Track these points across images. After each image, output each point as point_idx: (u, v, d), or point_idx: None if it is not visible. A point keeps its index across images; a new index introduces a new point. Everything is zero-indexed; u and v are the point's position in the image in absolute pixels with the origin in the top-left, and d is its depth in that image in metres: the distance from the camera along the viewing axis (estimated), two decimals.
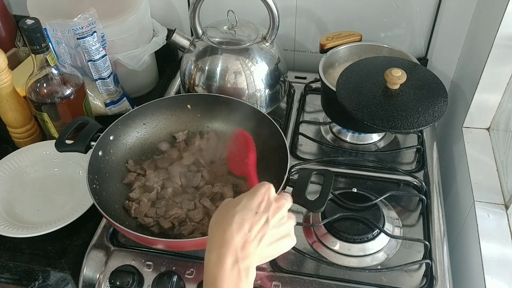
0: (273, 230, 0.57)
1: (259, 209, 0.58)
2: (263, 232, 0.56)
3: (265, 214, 0.57)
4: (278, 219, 0.58)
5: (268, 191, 0.60)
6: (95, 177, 0.79)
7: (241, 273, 0.53)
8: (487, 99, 0.97)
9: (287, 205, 0.61)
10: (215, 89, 0.99)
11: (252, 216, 0.57)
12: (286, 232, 0.60)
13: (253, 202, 0.58)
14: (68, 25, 0.93)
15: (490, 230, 0.82)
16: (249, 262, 0.54)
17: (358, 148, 1.00)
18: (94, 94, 1.04)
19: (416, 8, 1.09)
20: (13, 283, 0.86)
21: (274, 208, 0.58)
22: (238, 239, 0.55)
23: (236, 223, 0.56)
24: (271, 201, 0.59)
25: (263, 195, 0.59)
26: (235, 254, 0.54)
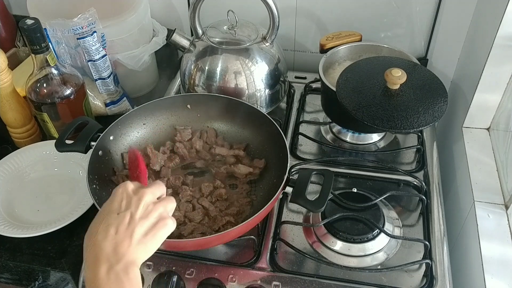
0: (142, 222, 0.56)
1: (120, 208, 0.57)
2: (131, 228, 0.55)
3: (127, 210, 0.57)
4: (143, 210, 0.57)
5: (124, 188, 0.59)
6: (95, 177, 0.79)
7: (120, 275, 0.52)
8: (487, 99, 0.97)
9: (148, 192, 0.59)
10: (215, 89, 0.99)
11: (115, 218, 0.56)
12: (158, 218, 0.58)
13: (113, 205, 0.58)
14: (68, 25, 0.93)
15: (490, 230, 0.82)
16: (125, 262, 0.53)
17: (358, 148, 1.00)
18: (94, 94, 1.04)
19: (416, 8, 1.09)
20: (13, 283, 0.86)
21: (135, 201, 0.58)
22: (107, 245, 0.54)
23: (101, 231, 0.55)
24: (131, 195, 0.59)
25: (121, 194, 0.59)
26: (107, 260, 0.53)
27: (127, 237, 0.55)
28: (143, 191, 0.59)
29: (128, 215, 0.56)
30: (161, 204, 0.60)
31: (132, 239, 0.55)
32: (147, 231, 0.57)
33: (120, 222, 0.56)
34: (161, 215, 0.59)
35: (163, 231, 0.58)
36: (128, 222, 0.56)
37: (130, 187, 0.60)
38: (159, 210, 0.59)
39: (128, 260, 0.54)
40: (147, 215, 0.57)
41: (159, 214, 0.59)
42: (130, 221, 0.56)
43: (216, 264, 0.78)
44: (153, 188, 0.61)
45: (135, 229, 0.56)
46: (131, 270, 0.53)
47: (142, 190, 0.59)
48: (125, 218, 0.56)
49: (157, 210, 0.59)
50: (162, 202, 0.60)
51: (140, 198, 0.58)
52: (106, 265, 0.53)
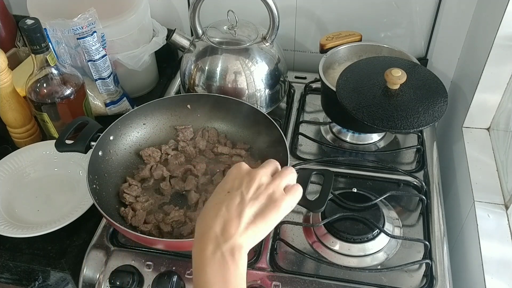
0: (252, 203, 0.54)
1: (232, 187, 0.56)
2: (240, 208, 0.54)
3: (239, 190, 0.55)
4: (254, 190, 0.55)
5: (239, 168, 0.58)
6: (95, 177, 0.79)
7: (226, 256, 0.51)
8: (487, 99, 0.97)
9: (260, 173, 0.57)
10: (215, 89, 0.99)
11: (225, 197, 0.55)
12: (268, 200, 0.55)
13: (225, 184, 0.57)
14: (68, 25, 0.93)
15: (490, 230, 0.82)
16: (232, 243, 0.52)
17: (358, 148, 1.00)
18: (94, 94, 1.04)
19: (416, 8, 1.09)
20: (13, 283, 0.86)
21: (247, 181, 0.56)
22: (216, 224, 0.53)
23: (211, 210, 0.54)
24: (243, 175, 0.57)
25: (234, 174, 0.58)
26: (215, 240, 0.52)
27: (236, 217, 0.53)
28: (256, 171, 0.57)
29: (238, 195, 0.55)
30: (274, 184, 0.56)
31: (241, 220, 0.53)
32: (257, 213, 0.54)
33: (230, 201, 0.54)
34: (273, 196, 0.55)
35: (274, 213, 0.55)
36: (238, 202, 0.54)
37: (244, 167, 0.58)
38: (269, 191, 0.56)
39: (236, 243, 0.52)
40: (257, 196, 0.55)
41: (270, 195, 0.55)
42: (241, 201, 0.54)
43: None
44: (266, 168, 0.58)
45: (244, 209, 0.54)
46: (237, 252, 0.52)
47: (255, 171, 0.57)
48: (235, 197, 0.55)
49: (268, 191, 0.56)
50: (275, 181, 0.57)
51: (252, 178, 0.56)
52: (213, 244, 0.52)
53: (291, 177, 0.59)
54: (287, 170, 0.59)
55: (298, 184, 0.59)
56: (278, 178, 0.57)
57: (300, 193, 0.58)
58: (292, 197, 0.57)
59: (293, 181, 0.59)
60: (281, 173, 0.58)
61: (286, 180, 0.58)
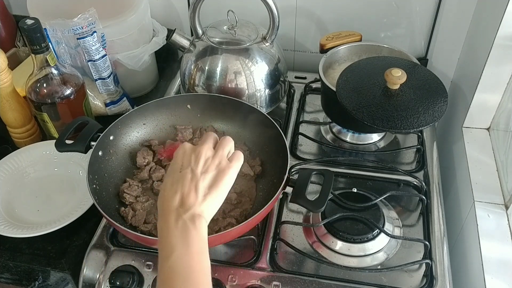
0: (204, 176, 0.59)
1: (182, 166, 0.61)
2: (194, 182, 0.58)
3: (188, 167, 0.60)
4: (203, 165, 0.60)
5: (183, 149, 0.63)
6: (95, 177, 0.79)
7: (187, 224, 0.55)
8: (487, 99, 0.97)
9: (204, 148, 0.62)
10: (215, 89, 0.99)
11: (179, 175, 0.60)
12: (217, 170, 0.60)
13: (175, 165, 0.62)
14: (68, 25, 0.93)
15: (490, 230, 0.82)
16: (192, 212, 0.56)
17: (358, 148, 1.00)
18: (94, 94, 1.04)
19: (416, 8, 1.09)
20: (13, 283, 0.86)
21: (194, 158, 0.61)
22: (175, 199, 0.57)
23: (169, 190, 0.59)
24: (189, 154, 0.62)
25: (181, 154, 0.62)
26: (176, 211, 0.56)
27: (192, 190, 0.58)
28: (201, 148, 0.62)
29: (189, 171, 0.60)
30: (218, 155, 0.62)
31: (197, 193, 0.58)
32: (210, 184, 0.59)
33: (183, 178, 0.59)
34: (220, 166, 0.61)
35: (225, 181, 0.60)
36: (191, 177, 0.59)
37: (188, 146, 0.63)
38: (216, 162, 0.61)
39: (196, 211, 0.57)
40: (206, 169, 0.60)
41: (217, 166, 0.61)
42: (193, 176, 0.59)
43: (216, 264, 0.78)
44: (208, 143, 0.63)
45: (198, 183, 0.58)
46: (198, 221, 0.56)
47: (199, 147, 0.62)
48: (187, 174, 0.59)
49: (214, 163, 0.61)
50: (217, 152, 0.62)
51: (198, 154, 0.61)
52: (174, 215, 0.56)
53: (230, 145, 0.64)
54: (225, 140, 0.64)
55: (238, 151, 0.64)
56: (220, 149, 0.63)
57: (242, 157, 0.64)
58: (237, 163, 0.63)
59: (233, 148, 0.65)
60: (221, 144, 0.63)
61: (227, 149, 0.63)
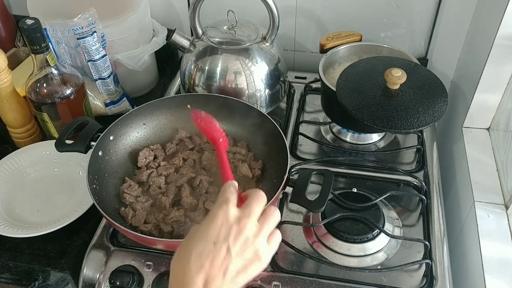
0: (238, 259, 0.52)
1: (218, 238, 0.52)
2: (225, 264, 0.51)
3: (225, 242, 0.51)
4: (242, 243, 0.52)
5: (226, 214, 0.53)
6: (95, 177, 0.79)
7: None
8: (487, 99, 0.97)
9: (250, 223, 0.53)
10: (215, 89, 0.99)
11: (210, 249, 0.51)
12: (253, 256, 0.53)
13: (210, 231, 0.52)
14: (68, 25, 0.93)
15: (490, 230, 0.82)
16: None
17: (358, 148, 1.00)
18: (94, 94, 1.04)
19: (416, 8, 1.09)
20: (13, 283, 0.86)
21: (235, 233, 0.52)
22: (199, 278, 0.50)
23: (194, 262, 0.51)
24: (231, 223, 0.52)
25: (221, 220, 0.53)
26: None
27: (221, 273, 0.51)
28: (246, 221, 0.53)
29: (224, 248, 0.51)
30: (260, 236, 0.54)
31: (225, 276, 0.51)
32: (241, 268, 0.52)
33: (215, 255, 0.51)
34: (258, 252, 0.53)
35: (257, 269, 0.53)
36: (223, 256, 0.51)
37: (233, 213, 0.53)
38: (255, 246, 0.53)
39: None
40: (243, 251, 0.52)
41: (256, 251, 0.53)
42: (226, 256, 0.51)
43: None
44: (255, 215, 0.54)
45: (229, 265, 0.51)
46: None
47: (244, 220, 0.53)
48: (221, 251, 0.51)
49: (254, 247, 0.53)
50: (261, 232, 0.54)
51: (241, 230, 0.52)
52: None
53: (275, 220, 0.56)
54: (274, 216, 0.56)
55: (278, 230, 0.57)
56: (265, 227, 0.55)
57: (280, 239, 0.56)
58: (274, 249, 0.56)
59: (275, 223, 0.56)
60: (268, 221, 0.55)
61: (271, 227, 0.56)
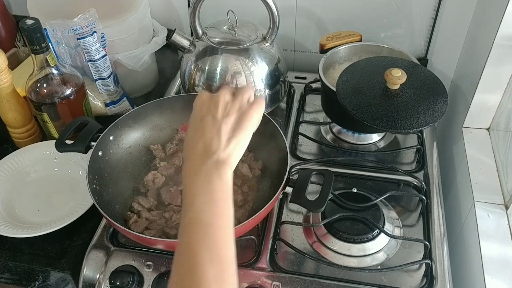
0: (225, 120, 0.59)
1: (202, 113, 0.61)
2: (216, 128, 0.58)
3: (208, 113, 0.60)
4: (223, 109, 0.60)
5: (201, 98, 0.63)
6: (95, 177, 0.79)
7: (210, 170, 0.55)
8: (487, 99, 0.97)
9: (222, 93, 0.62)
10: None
11: (200, 124, 0.60)
12: (239, 113, 0.60)
13: (195, 115, 0.62)
14: (68, 25, 0.93)
15: (490, 230, 0.82)
16: (216, 158, 0.56)
17: (358, 148, 1.00)
18: (94, 94, 1.04)
19: (416, 8, 1.09)
20: (13, 283, 0.86)
21: (213, 104, 0.61)
22: (199, 146, 0.57)
23: (191, 139, 0.59)
24: (208, 101, 0.62)
25: (199, 103, 0.62)
26: (199, 157, 0.57)
27: (215, 135, 0.58)
28: (218, 94, 0.62)
29: (209, 116, 0.60)
30: (237, 99, 0.62)
31: (220, 137, 0.57)
32: (233, 127, 0.59)
33: (204, 125, 0.59)
34: (241, 109, 0.61)
35: (249, 122, 0.60)
36: (211, 123, 0.59)
37: (205, 94, 0.63)
38: (237, 105, 0.61)
39: (219, 157, 0.56)
40: (227, 113, 0.60)
41: (239, 108, 0.61)
42: (214, 122, 0.59)
43: None
44: (225, 89, 0.63)
45: (220, 127, 0.58)
46: (222, 168, 0.56)
47: (216, 94, 0.62)
48: (207, 120, 0.59)
49: (236, 106, 0.61)
50: (237, 97, 0.62)
51: (216, 100, 0.61)
52: (198, 161, 0.56)
53: (250, 91, 0.64)
54: (244, 87, 0.64)
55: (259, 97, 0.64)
56: (239, 94, 0.63)
57: (263, 102, 0.63)
58: (259, 105, 0.62)
59: (253, 95, 0.64)
60: (240, 90, 0.63)
61: (247, 95, 0.63)
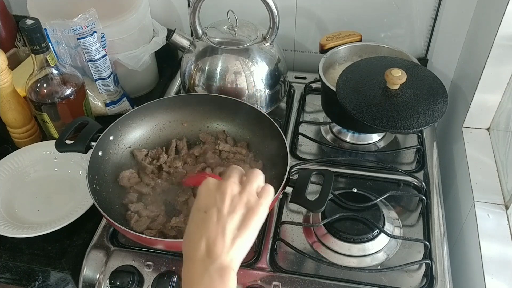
0: (231, 216, 0.54)
1: (207, 206, 0.55)
2: (221, 225, 0.53)
3: (214, 207, 0.55)
4: (229, 203, 0.55)
5: (206, 186, 0.57)
6: (95, 177, 0.79)
7: (214, 278, 0.51)
8: (487, 99, 0.97)
9: (229, 184, 0.56)
10: (215, 89, 0.99)
11: (203, 217, 0.55)
12: (246, 209, 0.55)
13: (198, 204, 0.57)
14: (68, 25, 0.93)
15: (490, 230, 0.82)
16: (219, 264, 0.52)
17: (358, 148, 1.00)
18: (94, 94, 1.04)
19: (416, 8, 1.09)
20: (13, 283, 0.86)
21: (219, 196, 0.56)
22: (201, 245, 0.53)
23: (194, 233, 0.55)
24: (214, 190, 0.56)
25: (205, 192, 0.57)
26: (202, 262, 0.52)
27: (219, 234, 0.53)
28: (225, 184, 0.56)
29: (215, 212, 0.54)
30: (246, 191, 0.56)
31: (224, 236, 0.53)
32: (238, 225, 0.54)
33: (209, 220, 0.54)
34: (249, 204, 0.55)
35: (255, 220, 0.55)
36: (217, 219, 0.54)
37: (212, 182, 0.58)
38: (244, 199, 0.56)
39: (223, 262, 0.52)
40: (234, 209, 0.55)
41: (246, 203, 0.55)
42: (219, 218, 0.54)
43: None
44: (233, 177, 0.58)
45: (225, 225, 0.53)
46: (226, 275, 0.52)
47: (224, 184, 0.57)
48: (213, 215, 0.54)
49: (243, 200, 0.56)
50: (245, 189, 0.57)
51: (223, 192, 0.56)
52: (201, 266, 0.52)
53: (259, 179, 0.59)
54: (253, 173, 0.59)
55: (268, 184, 0.59)
56: (248, 184, 0.57)
57: (272, 192, 0.58)
58: (267, 199, 0.57)
59: (262, 182, 0.59)
60: (249, 178, 0.58)
61: (256, 184, 0.58)
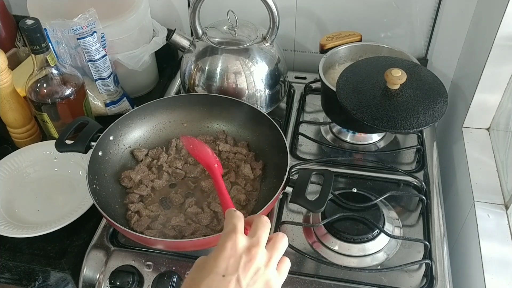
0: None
1: (227, 270, 0.50)
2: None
3: (235, 274, 0.49)
4: (252, 274, 0.50)
5: (234, 244, 0.51)
6: (95, 177, 0.79)
7: None
8: (487, 99, 0.97)
9: (259, 253, 0.51)
10: (215, 89, 0.99)
11: (220, 281, 0.49)
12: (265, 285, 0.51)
13: (218, 262, 0.50)
14: (68, 25, 0.93)
15: (490, 230, 0.82)
16: None
17: (358, 148, 1.00)
18: (94, 94, 1.04)
19: (416, 8, 1.09)
20: (13, 283, 0.86)
21: (245, 263, 0.50)
22: None
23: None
24: (240, 254, 0.51)
25: (230, 250, 0.51)
26: None
27: None
28: (255, 251, 0.51)
29: (234, 280, 0.49)
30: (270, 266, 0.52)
31: None
32: None
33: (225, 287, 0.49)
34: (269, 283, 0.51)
35: None
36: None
37: (241, 243, 0.52)
38: (267, 276, 0.51)
39: None
40: (254, 282, 0.50)
41: (267, 282, 0.51)
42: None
43: None
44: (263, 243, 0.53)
45: None
46: None
47: (254, 250, 0.51)
48: (231, 284, 0.49)
49: (266, 277, 0.51)
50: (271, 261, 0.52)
51: (251, 259, 0.50)
52: None
53: (284, 247, 0.55)
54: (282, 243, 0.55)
55: (286, 257, 0.55)
56: (274, 255, 0.53)
57: (289, 266, 0.55)
58: (284, 277, 0.54)
59: (284, 250, 0.55)
60: (277, 248, 0.54)
61: (280, 254, 0.54)
